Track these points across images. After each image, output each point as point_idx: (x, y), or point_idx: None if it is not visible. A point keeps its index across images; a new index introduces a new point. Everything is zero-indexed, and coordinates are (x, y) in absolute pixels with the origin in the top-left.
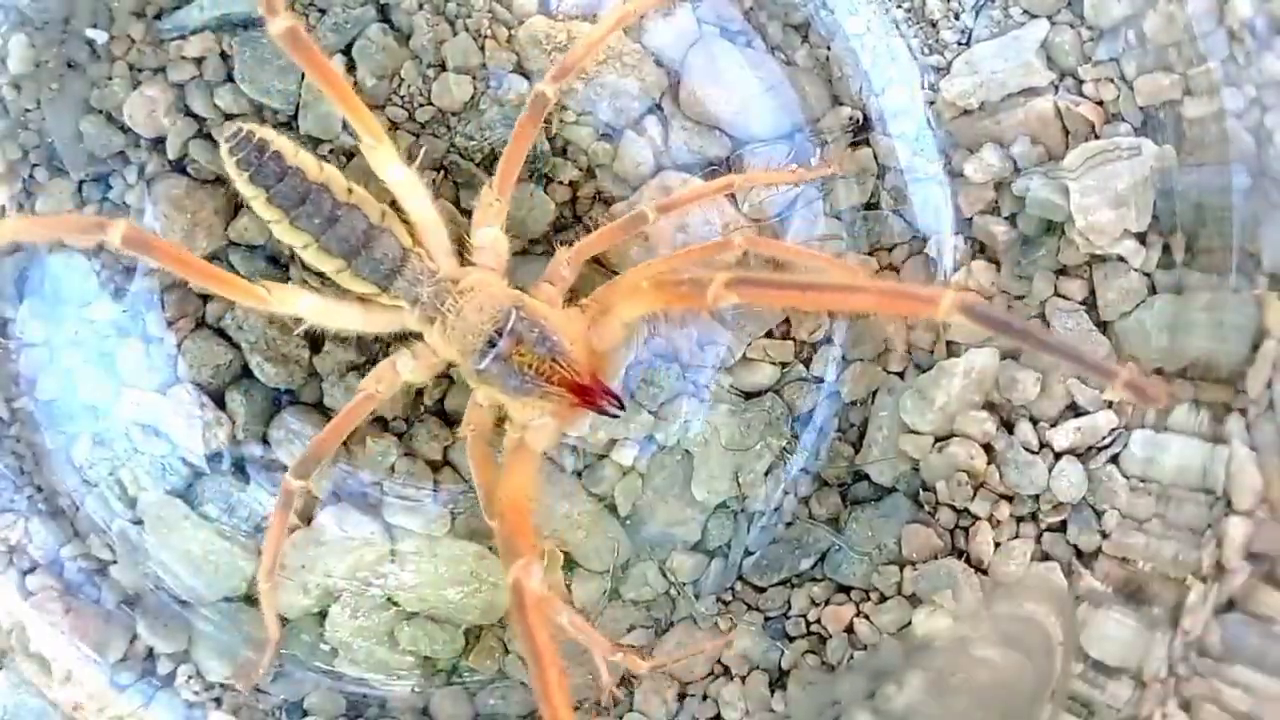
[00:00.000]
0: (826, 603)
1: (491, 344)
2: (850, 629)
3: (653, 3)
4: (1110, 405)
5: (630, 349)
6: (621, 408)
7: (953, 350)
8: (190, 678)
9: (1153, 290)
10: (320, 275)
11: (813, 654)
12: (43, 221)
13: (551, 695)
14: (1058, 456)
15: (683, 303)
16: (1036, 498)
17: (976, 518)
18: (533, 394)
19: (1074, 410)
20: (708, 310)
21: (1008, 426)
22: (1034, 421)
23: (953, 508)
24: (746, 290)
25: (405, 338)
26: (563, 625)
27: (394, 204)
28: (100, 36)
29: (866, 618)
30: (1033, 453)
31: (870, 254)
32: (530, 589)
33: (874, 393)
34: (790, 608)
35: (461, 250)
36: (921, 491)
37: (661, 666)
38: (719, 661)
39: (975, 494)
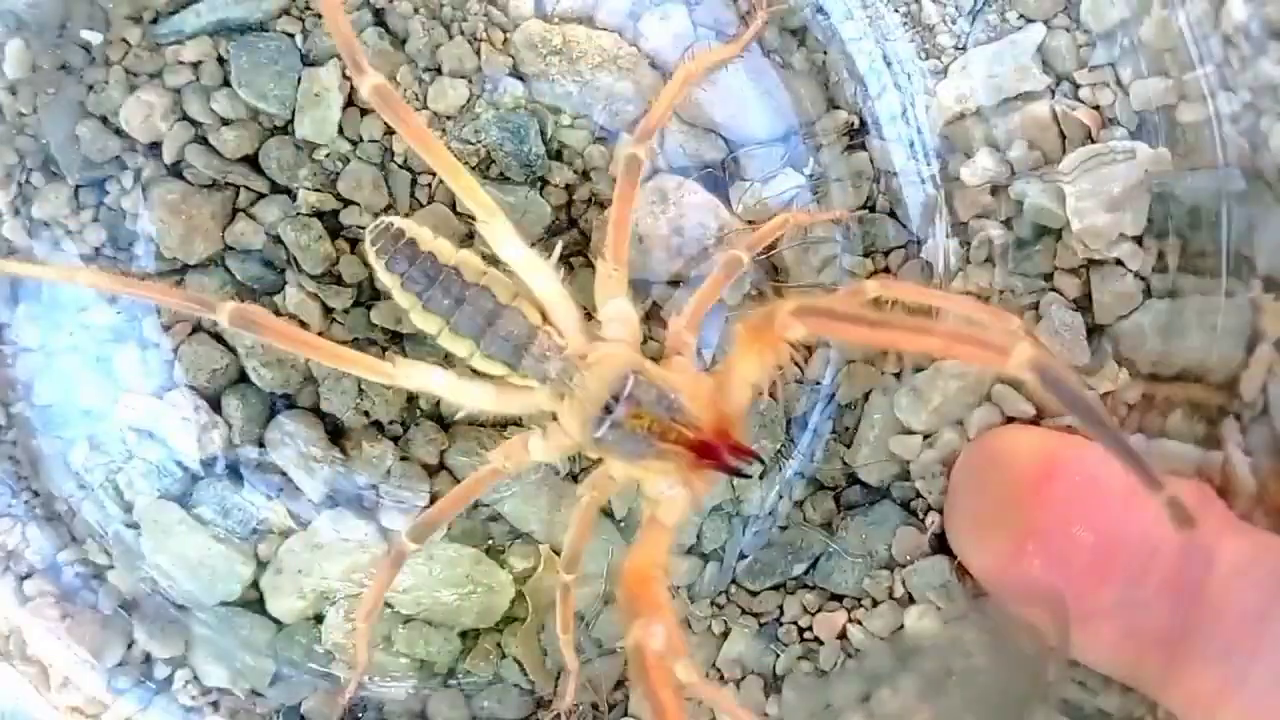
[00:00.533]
0: (819, 610)
1: (608, 410)
2: (843, 634)
3: (716, 60)
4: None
5: None
6: (759, 463)
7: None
8: (188, 682)
9: (1148, 294)
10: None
11: (806, 660)
12: (142, 288)
13: None
14: None
15: (760, 339)
16: None
17: None
18: (649, 455)
19: None
20: (778, 342)
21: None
22: (1035, 421)
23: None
24: (813, 321)
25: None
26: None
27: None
28: (96, 38)
29: (858, 623)
30: None
31: (866, 256)
32: (652, 649)
33: (868, 393)
34: (783, 614)
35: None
36: (915, 497)
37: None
38: (714, 666)
39: None
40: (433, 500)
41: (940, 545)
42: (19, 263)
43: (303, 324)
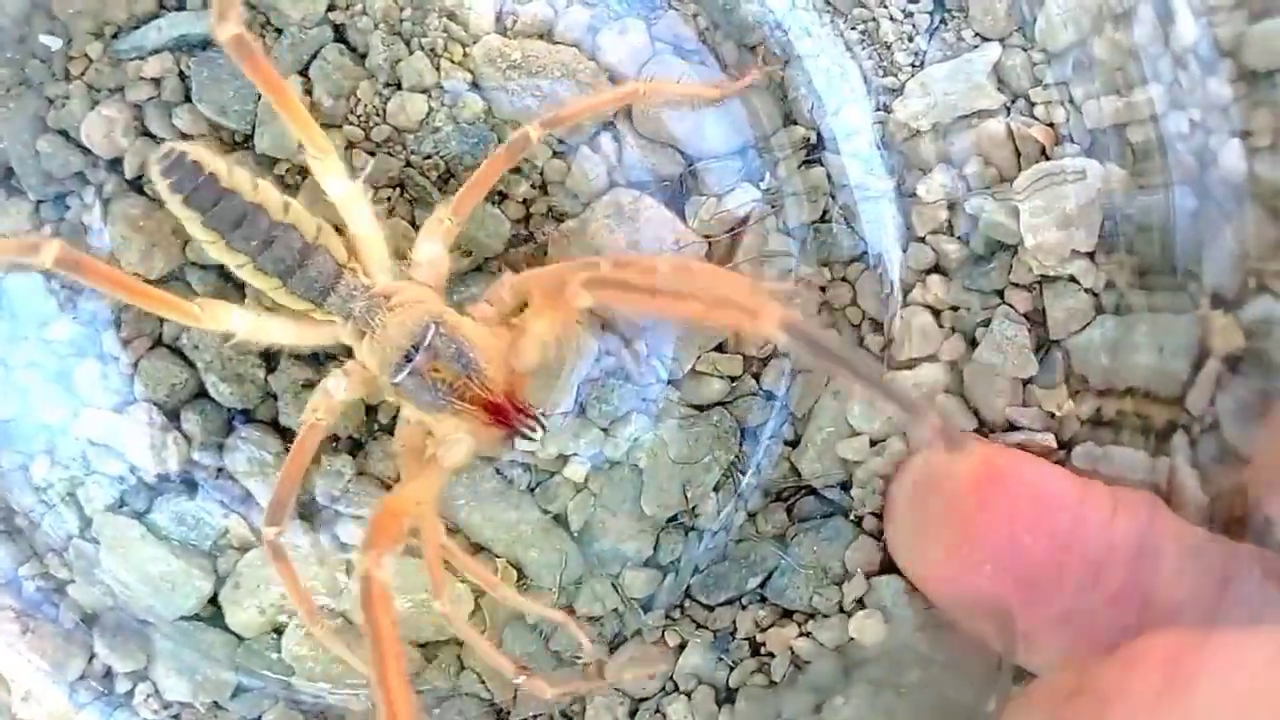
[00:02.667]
0: (771, 625)
1: (408, 359)
2: (792, 649)
3: (668, 94)
4: (1052, 417)
5: (581, 368)
6: (540, 428)
7: (904, 363)
8: (149, 696)
9: (1099, 310)
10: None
11: (759, 673)
12: None
13: (389, 680)
14: None
15: (552, 307)
16: None
17: None
18: (446, 410)
19: (1013, 427)
20: (573, 314)
21: None
22: (980, 432)
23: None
24: (602, 293)
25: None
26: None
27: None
28: (54, 43)
29: (809, 635)
30: None
31: (823, 266)
32: (379, 579)
33: (819, 396)
34: (736, 629)
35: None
36: (861, 509)
37: (565, 696)
38: (670, 678)
39: None
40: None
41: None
42: None
43: None
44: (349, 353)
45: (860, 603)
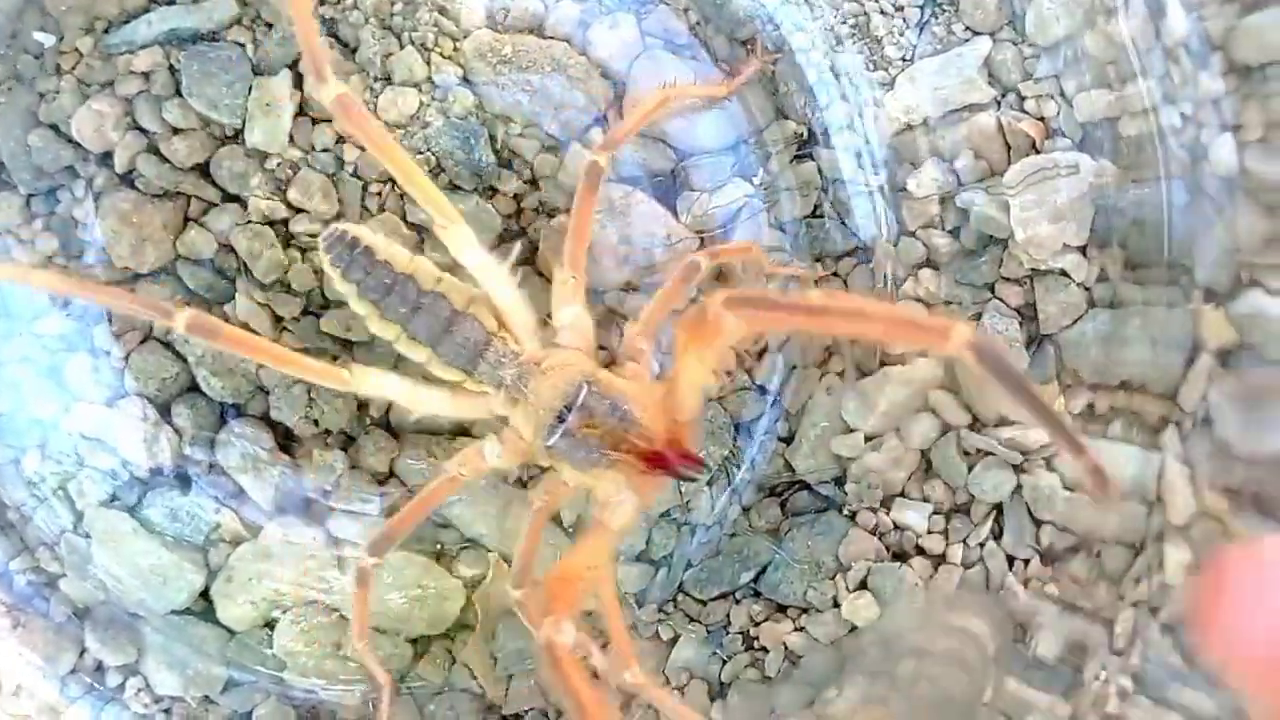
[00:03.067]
0: (765, 620)
1: (560, 419)
2: (786, 644)
3: (697, 94)
4: None
5: None
6: (706, 470)
7: (896, 358)
8: (140, 690)
9: (1091, 304)
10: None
11: (752, 667)
12: (101, 292)
13: None
14: (984, 461)
15: (700, 336)
16: (968, 506)
17: (909, 527)
18: (600, 464)
19: (1005, 422)
20: (720, 335)
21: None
22: (972, 428)
23: (880, 512)
24: (746, 312)
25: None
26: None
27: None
28: (47, 40)
29: (802, 629)
30: (968, 454)
31: (816, 261)
32: (561, 643)
33: (812, 394)
34: (730, 622)
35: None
36: (857, 504)
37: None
38: (663, 672)
39: (908, 498)
40: (390, 510)
41: (887, 551)
42: None
43: (250, 329)
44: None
45: (855, 588)
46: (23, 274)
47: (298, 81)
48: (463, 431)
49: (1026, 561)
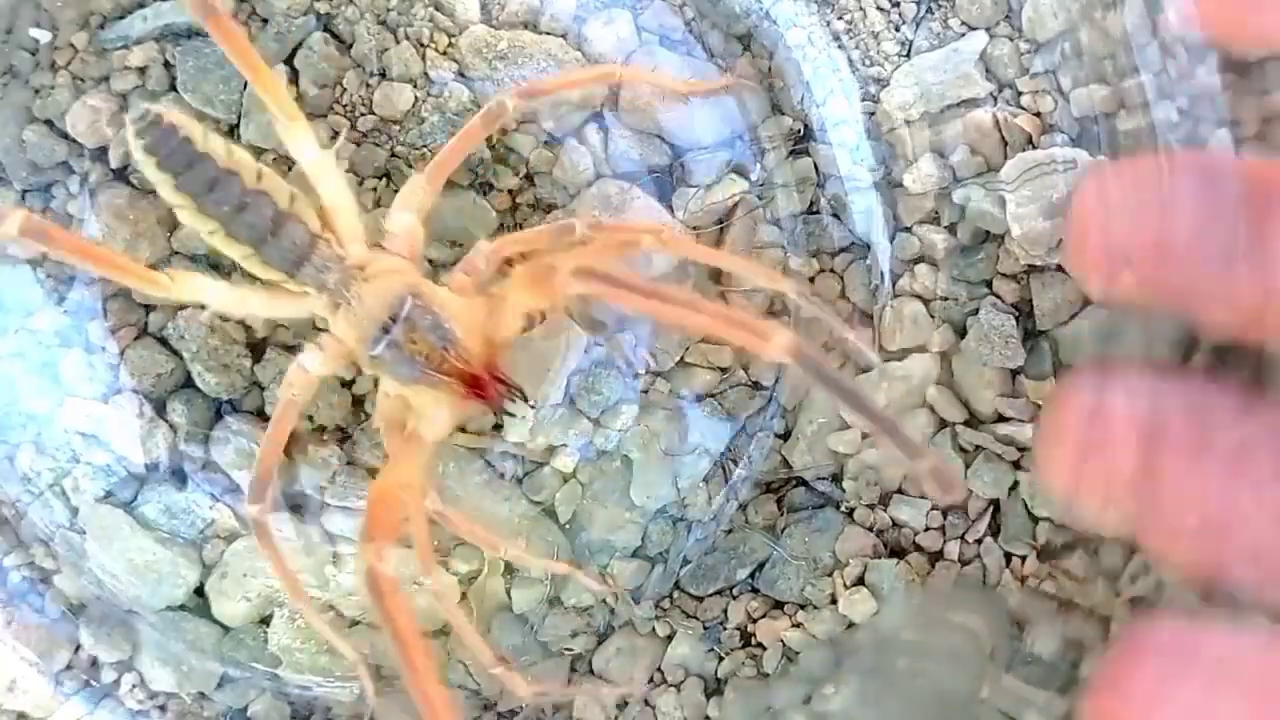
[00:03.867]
0: (763, 616)
1: (385, 330)
2: (783, 640)
3: (644, 80)
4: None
5: (570, 359)
6: (523, 400)
7: (893, 354)
8: (135, 686)
9: (1086, 301)
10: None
11: (749, 664)
12: None
13: (421, 678)
14: (982, 456)
15: (540, 288)
16: (965, 503)
17: (906, 524)
18: (423, 382)
19: (1002, 418)
20: (560, 299)
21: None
22: (968, 425)
23: (877, 508)
24: (593, 284)
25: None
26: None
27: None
28: (43, 36)
29: (800, 626)
30: (964, 450)
31: (813, 257)
32: (384, 572)
33: (809, 389)
34: (727, 619)
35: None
36: (854, 500)
37: (543, 696)
38: (658, 669)
39: (904, 495)
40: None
41: (884, 547)
42: None
43: (247, 328)
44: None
45: (852, 584)
46: None
47: (294, 76)
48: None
49: (1023, 558)
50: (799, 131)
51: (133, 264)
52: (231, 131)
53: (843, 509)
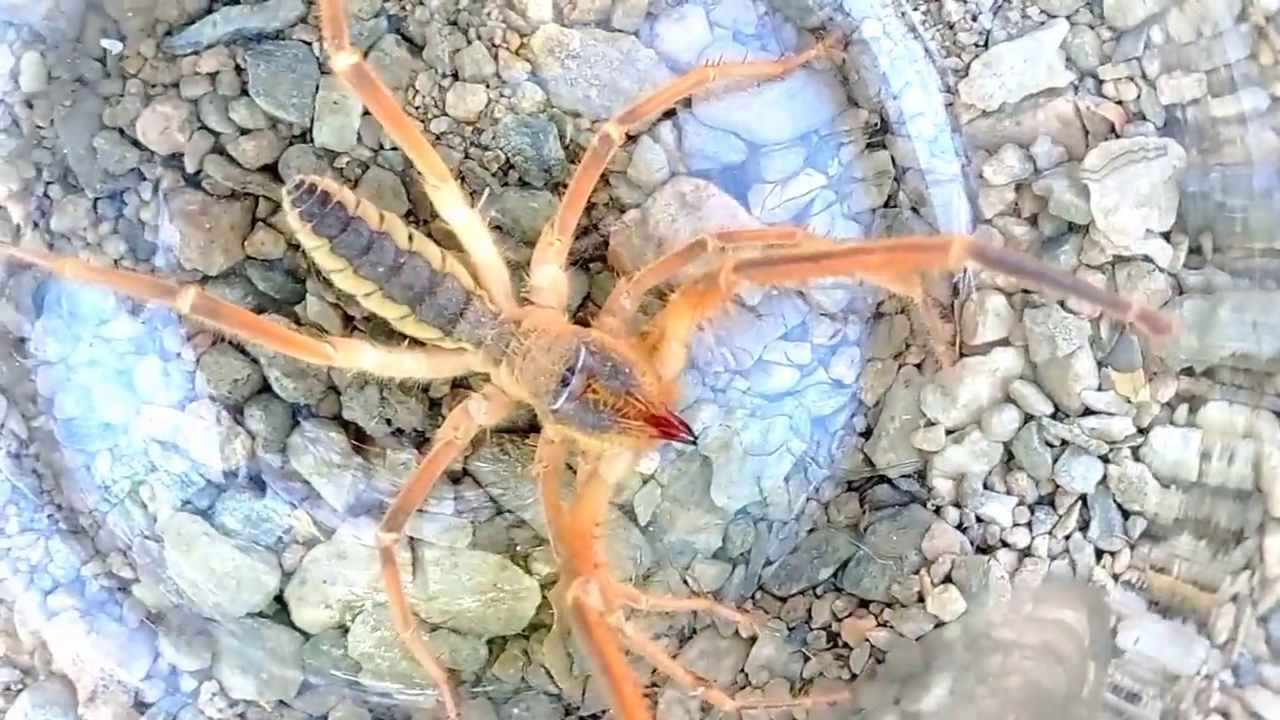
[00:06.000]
0: (848, 615)
1: (564, 383)
2: (870, 640)
3: (735, 74)
4: (1129, 402)
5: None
6: (694, 437)
7: (976, 349)
8: (214, 694)
9: (1179, 290)
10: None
11: (836, 663)
12: (111, 275)
13: (630, 711)
14: (1071, 451)
15: (705, 302)
16: (1052, 498)
17: (993, 520)
18: (610, 430)
19: (1090, 412)
20: (726, 301)
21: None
22: (1054, 418)
23: (965, 506)
24: (756, 273)
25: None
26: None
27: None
28: (114, 46)
29: (888, 625)
30: (1051, 446)
31: None
32: (590, 605)
33: (889, 387)
34: (811, 618)
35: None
36: (941, 500)
37: (749, 709)
38: (741, 671)
39: (991, 491)
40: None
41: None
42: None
43: (321, 329)
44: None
45: (940, 582)
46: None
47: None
48: (533, 427)
49: (1114, 554)
50: (875, 125)
51: (299, 336)
52: (304, 135)
53: (928, 506)
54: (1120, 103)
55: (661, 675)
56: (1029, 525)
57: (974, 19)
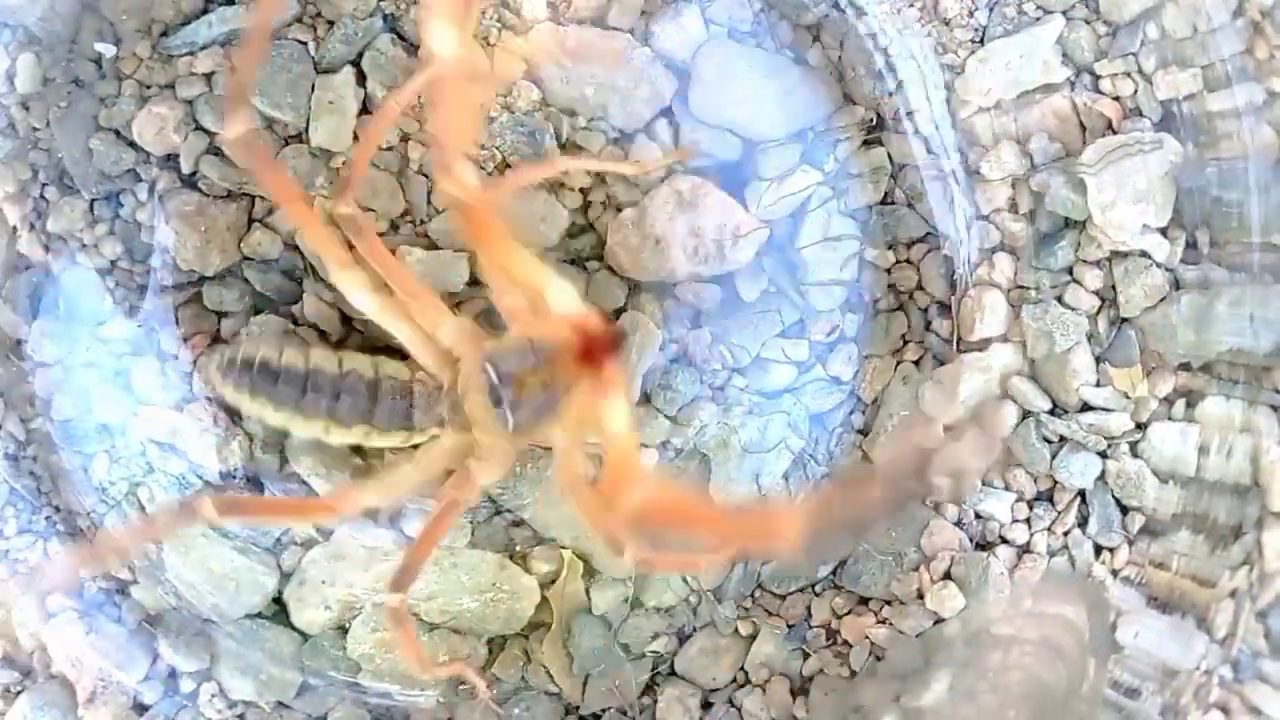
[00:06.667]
0: (848, 613)
1: (499, 404)
2: (870, 637)
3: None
4: (1127, 398)
5: (646, 355)
6: (616, 325)
7: (974, 345)
8: (214, 695)
9: (1176, 285)
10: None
11: (835, 661)
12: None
13: None
14: (1069, 447)
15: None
16: (1051, 494)
17: (992, 516)
18: (565, 402)
19: (1088, 408)
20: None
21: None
22: (1052, 414)
23: (963, 503)
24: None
25: None
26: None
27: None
28: (109, 50)
29: (887, 622)
30: (1049, 442)
31: (888, 249)
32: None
33: (888, 382)
34: (811, 616)
35: None
36: (939, 496)
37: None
38: (741, 669)
39: (990, 487)
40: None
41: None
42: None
43: (322, 333)
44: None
45: (939, 578)
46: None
47: (361, 79)
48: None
49: (1113, 550)
50: (871, 121)
51: (309, 503)
52: (300, 135)
53: (927, 503)
54: (1117, 98)
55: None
56: (1028, 521)
57: (970, 14)
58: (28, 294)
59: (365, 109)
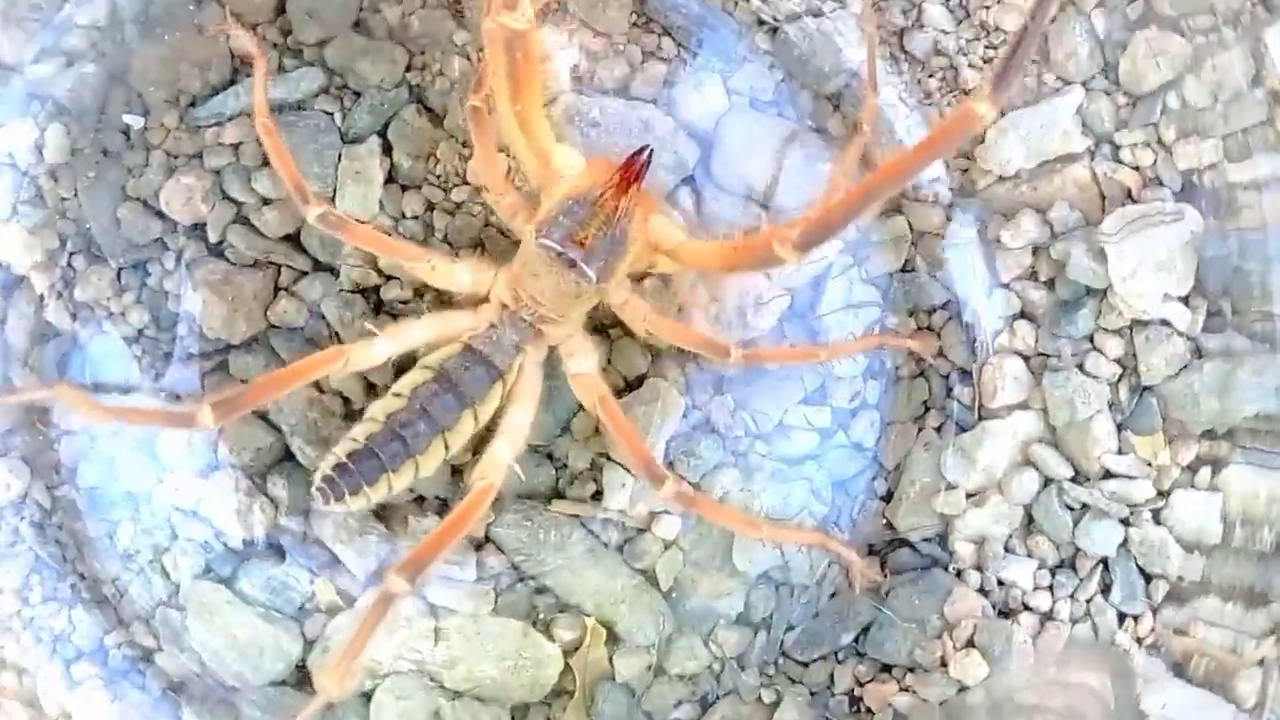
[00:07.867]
0: (870, 680)
1: (571, 265)
2: (893, 705)
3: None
4: (1149, 465)
5: (669, 421)
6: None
7: (995, 412)
8: None
9: (1198, 354)
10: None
11: None
12: (120, 412)
13: None
14: (1091, 514)
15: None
16: (1073, 561)
17: (1015, 584)
18: (632, 236)
19: (1110, 476)
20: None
21: (1047, 483)
22: (1074, 481)
23: (986, 570)
24: (818, 235)
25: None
26: None
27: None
28: (136, 122)
29: (910, 690)
30: (1071, 509)
31: (909, 316)
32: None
33: (910, 448)
34: (834, 683)
35: None
36: (962, 564)
37: None
38: None
39: (1012, 554)
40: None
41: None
42: None
43: (345, 400)
44: None
45: (962, 646)
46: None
47: (387, 149)
48: (556, 494)
49: (1137, 618)
50: None
51: (314, 357)
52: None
53: (950, 570)
54: (1137, 168)
55: None
56: (1050, 589)
57: None
58: (55, 362)
59: (390, 178)
